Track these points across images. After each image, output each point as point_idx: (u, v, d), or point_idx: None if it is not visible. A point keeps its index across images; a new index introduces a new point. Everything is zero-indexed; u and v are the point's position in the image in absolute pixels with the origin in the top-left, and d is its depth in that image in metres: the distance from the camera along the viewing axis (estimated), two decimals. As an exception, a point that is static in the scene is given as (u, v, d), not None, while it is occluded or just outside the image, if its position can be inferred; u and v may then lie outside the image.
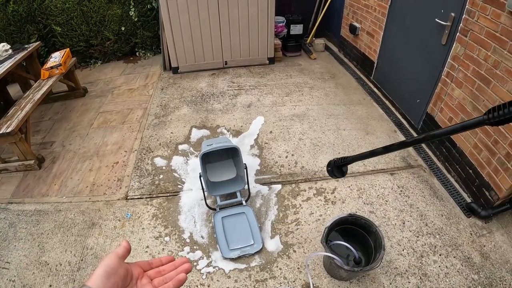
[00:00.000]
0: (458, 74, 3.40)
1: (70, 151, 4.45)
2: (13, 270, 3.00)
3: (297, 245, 3.03)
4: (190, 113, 5.00)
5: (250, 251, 2.97)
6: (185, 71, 6.22)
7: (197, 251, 3.04)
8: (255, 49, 6.13)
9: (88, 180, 3.93)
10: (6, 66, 4.59)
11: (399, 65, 4.67)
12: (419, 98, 4.16)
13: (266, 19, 5.76)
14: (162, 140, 4.45)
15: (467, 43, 3.24)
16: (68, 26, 6.46)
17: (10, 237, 3.33)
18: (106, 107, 5.41)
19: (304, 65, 6.34)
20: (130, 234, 3.24)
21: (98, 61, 7.11)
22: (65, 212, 3.55)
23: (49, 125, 5.08)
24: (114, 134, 4.70)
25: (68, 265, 3.00)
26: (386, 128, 4.44)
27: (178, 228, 3.27)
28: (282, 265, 2.88)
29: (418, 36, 4.12)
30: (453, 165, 3.61)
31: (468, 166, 3.37)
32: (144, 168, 4.01)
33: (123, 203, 3.59)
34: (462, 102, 3.38)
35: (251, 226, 3.16)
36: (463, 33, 3.28)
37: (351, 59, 6.33)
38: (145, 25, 6.77)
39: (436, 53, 3.77)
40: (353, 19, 5.93)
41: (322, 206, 3.39)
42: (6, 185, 4.02)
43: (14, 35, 6.25)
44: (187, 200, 3.55)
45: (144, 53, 7.21)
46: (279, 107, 4.99)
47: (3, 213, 3.62)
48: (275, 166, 3.91)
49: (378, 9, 4.98)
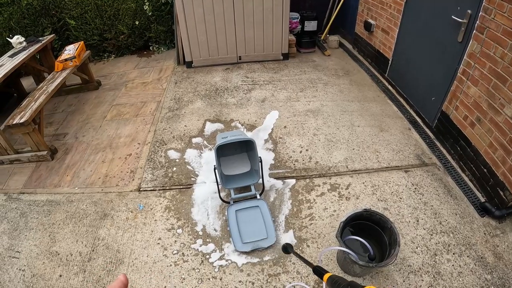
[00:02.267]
0: (474, 72, 3.32)
1: (83, 142, 4.44)
2: (23, 259, 2.99)
3: (311, 240, 2.98)
4: (204, 106, 4.96)
5: (263, 245, 2.93)
6: (199, 66, 6.19)
7: (210, 243, 3.00)
8: (269, 44, 6.07)
9: (101, 172, 3.91)
10: (20, 58, 4.61)
11: (414, 63, 4.58)
12: (434, 96, 4.08)
13: (281, 15, 5.70)
14: (175, 133, 4.41)
15: (483, 41, 3.16)
16: (82, 19, 6.48)
17: (21, 226, 3.32)
18: (120, 100, 5.40)
19: (318, 62, 6.27)
20: (142, 225, 3.20)
21: (111, 55, 7.12)
22: (77, 202, 3.53)
23: (63, 117, 5.07)
24: (127, 126, 4.68)
25: (79, 256, 2.98)
26: (400, 125, 4.36)
27: (191, 220, 3.22)
28: (296, 260, 2.83)
29: (434, 33, 4.04)
30: (468, 164, 3.54)
31: (483, 165, 3.29)
32: (157, 160, 3.98)
33: (136, 195, 3.55)
34: (477, 100, 3.30)
35: (265, 220, 3.11)
36: (480, 30, 3.20)
37: (365, 56, 6.25)
38: (159, 20, 6.76)
39: (452, 50, 3.68)
40: (368, 16, 5.85)
41: (336, 202, 3.33)
42: (19, 175, 4.02)
43: (28, 28, 6.27)
44: (200, 193, 3.51)
45: (158, 47, 7.19)
46: (294, 102, 4.93)
47: (15, 203, 3.61)
48: (289, 160, 3.85)
49: (393, 5, 4.90)
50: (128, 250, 2.99)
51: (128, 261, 2.90)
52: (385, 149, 3.93)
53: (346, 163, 3.77)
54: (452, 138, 3.77)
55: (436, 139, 4.09)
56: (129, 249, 3.00)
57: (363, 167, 3.70)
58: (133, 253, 2.96)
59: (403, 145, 3.99)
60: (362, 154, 3.88)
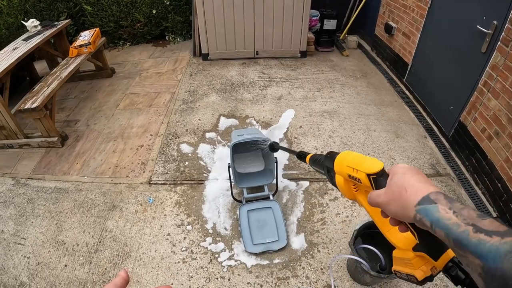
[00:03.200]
0: (496, 84, 3.22)
1: (94, 130, 4.38)
2: (28, 246, 2.96)
3: (322, 245, 2.91)
4: (219, 101, 4.89)
5: (274, 247, 2.87)
6: (215, 58, 6.13)
7: (220, 242, 2.94)
8: (287, 41, 5.99)
9: (111, 162, 3.85)
10: (34, 42, 4.59)
11: (434, 69, 4.48)
12: (453, 105, 3.98)
13: (301, 12, 5.61)
14: (189, 126, 4.35)
15: (508, 53, 3.06)
16: (99, 5, 6.44)
17: (28, 213, 3.28)
18: (133, 89, 5.34)
19: (336, 62, 6.17)
20: (152, 219, 3.14)
21: (126, 42, 7.07)
22: (85, 192, 3.47)
23: (75, 103, 5.03)
24: (140, 116, 4.62)
25: (85, 246, 2.93)
26: (417, 133, 4.26)
27: (201, 217, 3.16)
28: (306, 264, 2.77)
29: (456, 41, 3.94)
30: (482, 177, 3.45)
31: (497, 180, 3.20)
32: (169, 153, 3.92)
33: (146, 188, 3.49)
34: (497, 113, 3.20)
35: (276, 221, 3.04)
36: (505, 42, 3.10)
37: (383, 59, 6.14)
38: (176, 9, 6.70)
39: (474, 60, 3.58)
40: (389, 18, 5.75)
41: (349, 207, 3.25)
42: (27, 160, 3.97)
43: (43, 12, 6.24)
44: (212, 189, 3.44)
45: (174, 37, 7.13)
46: (310, 102, 4.84)
47: (23, 188, 3.57)
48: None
49: (416, 10, 4.79)
50: (136, 244, 2.93)
51: (136, 255, 2.84)
52: (400, 156, 3.84)
53: (361, 168, 3.67)
54: (468, 149, 3.68)
55: (451, 149, 4.00)
56: (137, 243, 2.94)
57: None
58: (141, 247, 2.90)
59: (418, 153, 3.90)
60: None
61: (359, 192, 0.94)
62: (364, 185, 0.85)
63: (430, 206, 0.64)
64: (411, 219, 0.69)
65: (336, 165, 0.96)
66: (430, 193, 0.67)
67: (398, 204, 0.71)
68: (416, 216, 0.66)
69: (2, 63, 3.98)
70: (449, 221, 0.60)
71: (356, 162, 0.87)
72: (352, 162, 0.88)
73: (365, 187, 0.87)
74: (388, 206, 0.75)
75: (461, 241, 0.56)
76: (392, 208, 0.74)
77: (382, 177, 0.81)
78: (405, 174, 0.74)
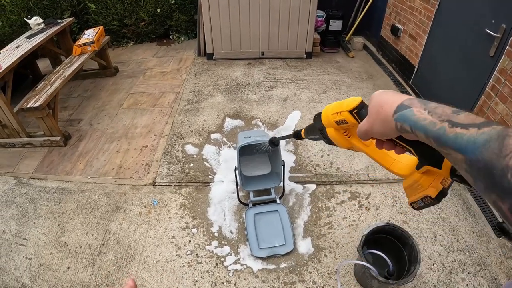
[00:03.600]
0: (504, 89, 3.17)
1: (97, 130, 4.34)
2: (30, 247, 2.92)
3: (329, 249, 2.87)
4: (224, 101, 4.85)
5: (280, 252, 2.83)
6: (220, 58, 6.09)
7: (225, 246, 2.89)
8: (293, 41, 5.95)
9: (115, 162, 3.81)
10: (37, 39, 4.56)
11: (441, 72, 4.43)
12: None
13: (307, 12, 5.57)
14: (194, 127, 4.30)
15: None
16: (103, 3, 6.41)
17: (30, 213, 3.24)
18: (137, 89, 5.31)
19: (342, 63, 6.12)
20: (156, 222, 3.10)
21: (130, 41, 7.05)
22: (89, 192, 3.43)
23: (78, 102, 4.99)
24: (144, 116, 4.58)
25: (88, 248, 2.89)
26: (423, 136, 4.21)
27: (206, 220, 3.11)
28: (312, 269, 2.72)
29: (464, 44, 3.90)
30: (488, 182, 3.39)
31: (505, 184, 3.14)
32: (174, 154, 3.87)
33: (150, 189, 3.45)
34: (505, 118, 3.16)
35: (283, 225, 2.99)
36: None
37: (389, 61, 6.09)
38: (181, 8, 6.67)
39: (482, 64, 3.54)
40: (395, 20, 5.70)
41: (356, 211, 3.20)
42: (30, 159, 3.94)
43: (47, 9, 6.21)
44: (217, 192, 3.39)
45: (178, 36, 7.09)
46: (316, 103, 4.78)
47: (25, 187, 3.53)
48: (310, 164, 3.72)
49: (423, 12, 4.74)
50: (140, 247, 2.88)
51: (140, 258, 2.80)
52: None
53: (367, 171, 3.64)
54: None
55: (458, 153, 3.93)
56: (141, 246, 2.89)
57: (384, 176, 3.57)
58: (145, 250, 2.86)
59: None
60: (383, 163, 3.74)
61: (352, 137, 0.99)
62: (352, 124, 0.89)
63: (406, 111, 0.67)
64: (394, 131, 0.71)
65: (323, 119, 1.01)
66: (403, 100, 0.70)
67: (379, 121, 0.74)
68: (397, 125, 0.69)
69: (5, 61, 3.93)
70: (425, 121, 0.62)
71: (337, 106, 0.92)
72: (334, 108, 0.93)
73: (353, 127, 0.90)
74: (373, 128, 0.77)
75: (439, 138, 0.58)
76: (376, 128, 0.76)
77: (363, 109, 0.85)
78: (379, 95, 0.77)
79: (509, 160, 0.45)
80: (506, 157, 0.45)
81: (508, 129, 0.49)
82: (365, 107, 0.84)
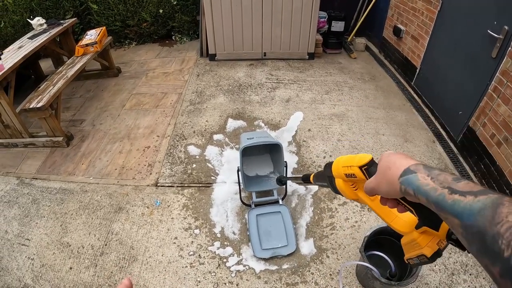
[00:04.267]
0: (506, 90, 3.16)
1: (100, 130, 4.35)
2: (33, 248, 2.93)
3: (331, 250, 2.86)
4: (227, 102, 4.85)
5: (283, 253, 2.83)
6: (222, 59, 6.09)
7: (228, 247, 2.89)
8: (295, 43, 5.94)
9: (117, 163, 3.81)
10: (40, 40, 4.57)
11: (443, 73, 4.42)
12: (462, 110, 3.91)
13: (309, 13, 5.57)
14: (196, 128, 4.30)
15: None
16: (105, 4, 6.42)
17: (32, 213, 3.24)
18: (140, 89, 5.31)
19: (344, 64, 6.12)
20: (159, 223, 3.10)
21: (132, 42, 7.05)
22: (91, 193, 3.43)
23: (80, 103, 4.99)
24: (146, 117, 4.58)
25: (91, 249, 2.89)
26: (425, 137, 4.20)
27: (209, 221, 3.11)
28: (315, 270, 2.72)
29: (466, 45, 3.88)
30: (490, 183, 3.38)
31: (506, 186, 3.14)
32: (176, 155, 3.87)
33: (153, 190, 3.45)
34: (507, 119, 3.14)
35: (286, 226, 2.99)
36: None
37: (391, 62, 6.08)
38: (183, 9, 6.67)
39: (484, 65, 3.52)
40: (397, 21, 5.68)
41: (358, 212, 3.20)
42: (32, 160, 3.94)
43: (49, 10, 6.23)
44: (220, 193, 3.39)
45: (181, 37, 7.09)
46: (318, 104, 4.78)
47: (27, 188, 3.53)
48: (313, 165, 3.72)
49: (426, 13, 4.73)
50: (143, 247, 2.88)
51: (142, 259, 2.80)
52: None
53: (370, 172, 3.62)
54: (477, 155, 3.62)
55: (459, 155, 3.94)
56: (143, 246, 2.89)
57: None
58: (148, 251, 2.86)
59: (426, 158, 3.84)
60: (386, 164, 3.72)
61: (358, 190, 1.02)
62: (360, 179, 0.93)
63: (411, 175, 0.71)
64: (398, 193, 0.75)
65: (333, 170, 1.06)
66: (410, 165, 0.73)
67: (386, 182, 0.78)
68: (401, 188, 0.73)
69: (7, 61, 3.94)
70: (427, 186, 0.66)
71: (348, 160, 0.97)
72: (345, 161, 0.98)
73: (361, 182, 0.94)
74: (379, 187, 0.81)
75: (439, 204, 0.61)
76: (382, 187, 0.80)
77: (372, 167, 0.89)
78: (389, 156, 0.81)
79: (500, 228, 0.47)
80: (498, 225, 0.48)
81: (503, 198, 0.51)
82: (374, 165, 0.89)
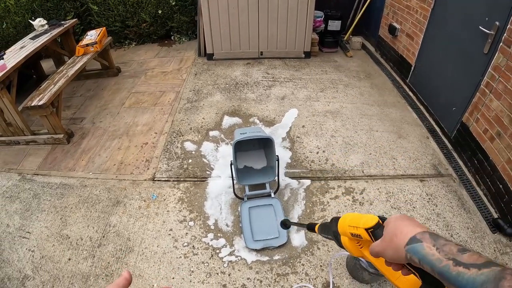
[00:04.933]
0: (498, 85, 3.21)
1: (100, 128, 4.44)
2: (33, 240, 3.01)
3: (322, 242, 2.93)
4: (223, 100, 4.93)
5: (274, 244, 2.90)
6: (219, 58, 6.16)
7: (221, 238, 2.97)
8: (292, 42, 6.01)
9: (116, 159, 3.90)
10: (41, 40, 4.64)
11: (437, 70, 4.48)
12: (455, 106, 3.97)
13: (305, 13, 5.64)
14: (193, 124, 4.39)
15: (510, 54, 3.05)
16: (105, 5, 6.49)
17: (33, 207, 3.33)
18: (139, 88, 5.39)
19: (340, 62, 6.18)
20: (155, 215, 3.18)
21: (132, 42, 7.13)
22: (90, 188, 3.52)
23: (81, 101, 5.09)
24: (145, 115, 4.67)
25: (89, 241, 2.98)
26: (419, 133, 4.26)
27: (203, 214, 3.19)
28: (305, 261, 2.79)
29: (459, 42, 3.94)
30: (484, 178, 3.43)
31: (499, 181, 3.19)
32: (173, 151, 3.96)
33: (150, 184, 3.54)
34: (499, 114, 3.19)
35: (277, 219, 3.07)
36: (507, 43, 3.09)
37: (387, 60, 6.14)
38: (182, 10, 6.74)
39: (476, 61, 3.57)
40: (393, 19, 5.74)
41: (350, 206, 3.27)
42: (34, 156, 4.03)
43: (50, 11, 6.30)
44: (214, 187, 3.47)
45: (179, 37, 7.17)
46: (313, 102, 4.86)
47: (28, 183, 3.62)
48: (306, 161, 3.80)
49: (420, 11, 4.79)
50: (139, 239, 2.97)
51: (138, 250, 2.88)
52: (402, 157, 3.85)
53: (362, 167, 3.70)
54: (470, 150, 3.67)
55: (453, 150, 3.98)
56: (139, 238, 2.98)
57: (379, 173, 3.64)
58: (144, 242, 2.94)
59: (420, 154, 3.90)
60: (378, 159, 3.80)
61: (364, 248, 1.00)
62: (365, 239, 0.93)
63: (417, 245, 0.72)
64: (404, 259, 0.76)
65: (339, 227, 1.04)
66: (416, 233, 0.74)
67: (392, 248, 0.79)
68: (407, 255, 0.74)
69: (10, 61, 4.03)
70: (432, 257, 0.67)
71: (355, 220, 0.96)
72: (352, 221, 0.97)
73: (367, 241, 0.94)
74: (385, 252, 0.81)
75: (443, 274, 0.63)
76: (388, 253, 0.80)
77: (378, 229, 0.89)
78: (395, 221, 0.82)
79: None
80: None
81: (506, 271, 0.54)
82: (380, 228, 0.89)
